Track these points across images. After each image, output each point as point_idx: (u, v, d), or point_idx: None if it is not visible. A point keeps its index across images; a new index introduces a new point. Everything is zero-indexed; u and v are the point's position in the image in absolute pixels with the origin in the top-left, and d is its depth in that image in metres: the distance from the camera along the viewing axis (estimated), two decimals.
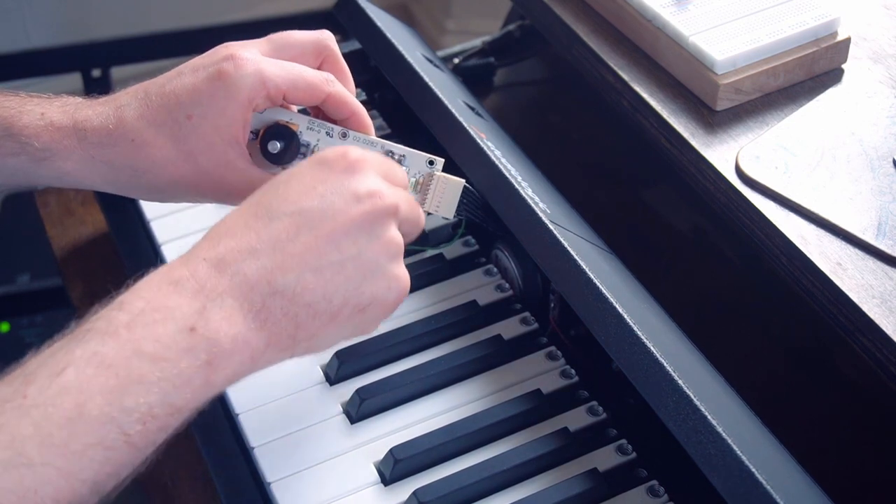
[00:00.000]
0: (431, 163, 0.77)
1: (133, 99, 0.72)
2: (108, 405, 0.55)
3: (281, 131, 0.74)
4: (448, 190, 0.76)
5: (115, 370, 0.56)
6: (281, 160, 0.74)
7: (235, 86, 0.70)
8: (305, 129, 0.75)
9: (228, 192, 0.73)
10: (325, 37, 0.76)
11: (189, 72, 0.72)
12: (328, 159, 0.66)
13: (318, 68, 0.75)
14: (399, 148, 0.76)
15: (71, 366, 0.55)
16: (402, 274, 0.66)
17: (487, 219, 0.80)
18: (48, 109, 0.72)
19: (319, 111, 0.76)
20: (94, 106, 0.73)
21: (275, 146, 0.74)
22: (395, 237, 0.66)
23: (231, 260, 0.61)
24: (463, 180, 0.77)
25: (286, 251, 0.62)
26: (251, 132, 0.74)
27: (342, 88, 0.74)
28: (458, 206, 0.77)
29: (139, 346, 0.57)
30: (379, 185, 0.65)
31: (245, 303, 0.60)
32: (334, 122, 0.76)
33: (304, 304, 0.62)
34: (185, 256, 0.62)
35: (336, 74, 0.75)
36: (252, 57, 0.71)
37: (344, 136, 0.76)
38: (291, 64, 0.73)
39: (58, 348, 0.57)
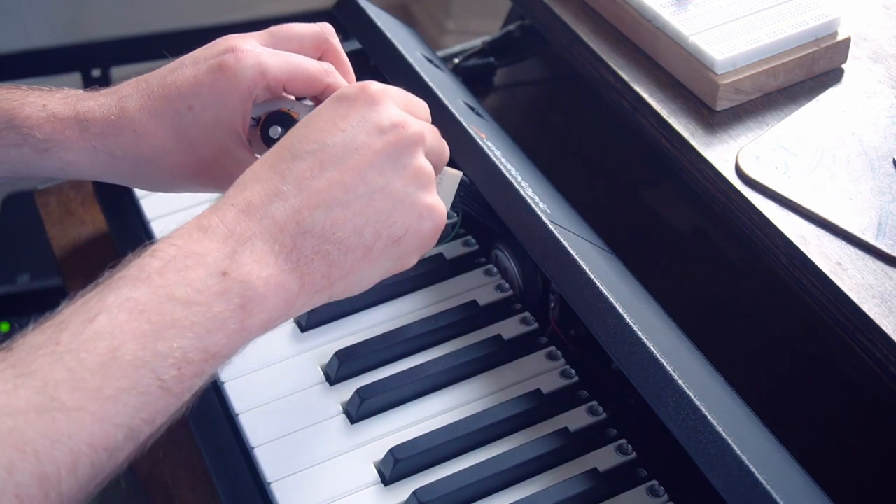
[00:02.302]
0: None
1: (135, 90, 0.73)
2: (141, 350, 0.55)
3: (282, 118, 0.74)
4: (445, 181, 0.77)
5: (148, 315, 0.56)
6: None
7: (236, 77, 0.71)
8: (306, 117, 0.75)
9: (228, 182, 0.73)
10: (325, 29, 0.76)
11: (190, 64, 0.72)
12: (348, 95, 0.65)
13: (319, 60, 0.75)
14: None
15: (103, 312, 0.55)
16: (436, 202, 0.66)
17: (485, 212, 0.80)
18: (50, 101, 0.73)
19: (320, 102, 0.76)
20: (95, 97, 0.73)
21: (276, 131, 0.74)
22: (424, 166, 0.65)
23: (258, 203, 0.61)
24: (461, 172, 0.77)
25: (312, 189, 0.62)
26: (252, 118, 0.74)
27: (341, 79, 0.75)
28: (455, 199, 0.77)
29: (171, 291, 0.57)
30: (402, 116, 0.65)
31: (276, 244, 0.60)
32: None
33: (335, 240, 0.62)
34: (215, 205, 0.62)
35: (336, 66, 0.75)
36: (252, 49, 0.72)
37: None
38: (291, 55, 0.73)
39: (91, 296, 0.57)
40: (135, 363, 0.55)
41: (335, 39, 0.76)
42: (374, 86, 0.66)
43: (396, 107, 0.66)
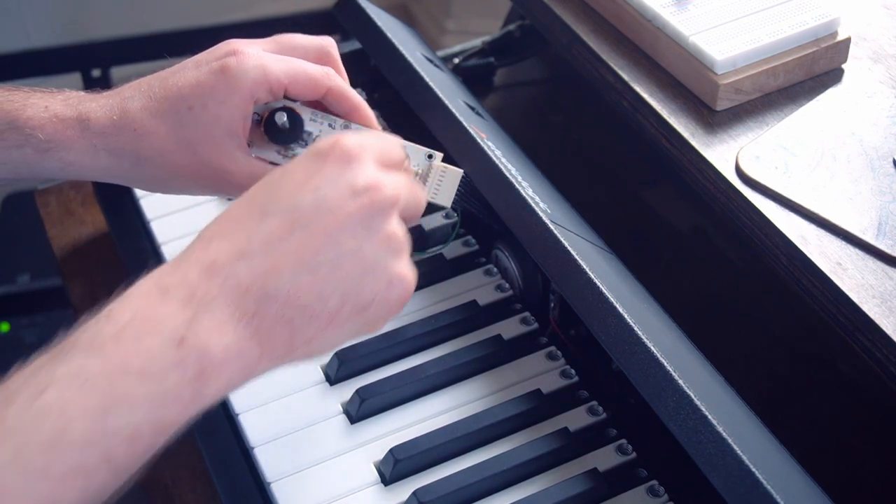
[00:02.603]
0: (430, 156, 0.77)
1: (136, 91, 0.73)
2: (90, 427, 0.53)
3: (287, 111, 0.75)
4: (447, 178, 0.77)
5: (100, 389, 0.53)
6: (283, 138, 0.75)
7: (237, 78, 0.71)
8: (308, 119, 0.76)
9: (226, 183, 0.73)
10: (328, 43, 0.76)
11: (192, 66, 0.73)
12: (322, 150, 0.62)
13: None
14: (401, 141, 0.76)
15: (53, 385, 0.53)
16: (406, 271, 0.63)
17: (485, 211, 0.80)
18: (52, 102, 0.73)
19: (321, 106, 0.77)
20: (97, 99, 0.74)
21: (281, 117, 0.74)
22: (397, 231, 0.62)
23: (223, 262, 0.58)
24: (461, 170, 0.77)
25: (280, 251, 0.59)
26: (255, 114, 0.75)
27: (342, 83, 0.75)
28: (456, 195, 0.77)
29: (126, 360, 0.54)
30: (377, 177, 0.62)
31: (237, 309, 0.57)
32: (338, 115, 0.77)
33: (299, 306, 0.59)
34: (176, 260, 0.59)
35: None
36: (255, 52, 0.72)
37: (346, 128, 0.76)
38: (293, 59, 0.74)
39: (42, 364, 0.54)
40: (83, 442, 0.53)
41: (336, 54, 0.76)
42: (348, 140, 0.62)
43: (373, 163, 0.62)
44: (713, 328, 0.83)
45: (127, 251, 0.90)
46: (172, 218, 0.91)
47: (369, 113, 0.76)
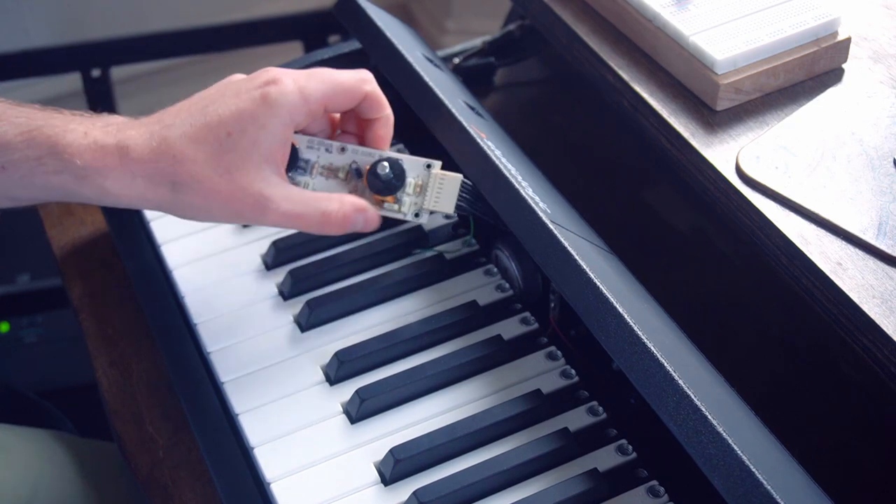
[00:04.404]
0: (429, 166, 0.78)
1: (177, 119, 0.74)
2: None
3: (390, 161, 0.77)
4: (446, 185, 0.77)
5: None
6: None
7: (278, 104, 0.73)
8: (305, 147, 0.78)
9: (264, 209, 0.74)
10: (366, 77, 0.78)
11: (232, 95, 0.74)
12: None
13: (358, 105, 0.78)
14: (397, 155, 0.78)
15: None
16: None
17: (488, 212, 0.80)
18: (91, 129, 0.74)
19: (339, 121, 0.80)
20: (137, 126, 0.74)
21: (383, 167, 0.77)
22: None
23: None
24: (460, 175, 0.77)
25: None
26: (294, 152, 0.77)
27: (377, 88, 0.77)
28: (459, 201, 0.77)
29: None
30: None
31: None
32: (332, 138, 0.79)
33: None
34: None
35: (378, 111, 0.79)
36: (291, 78, 0.74)
37: (342, 150, 0.79)
38: (325, 71, 0.76)
39: None
40: None
41: (375, 87, 0.79)
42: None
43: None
44: (713, 328, 0.83)
45: (127, 251, 0.90)
46: (172, 218, 0.90)
47: (391, 127, 0.79)
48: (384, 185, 0.77)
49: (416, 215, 0.79)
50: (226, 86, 0.76)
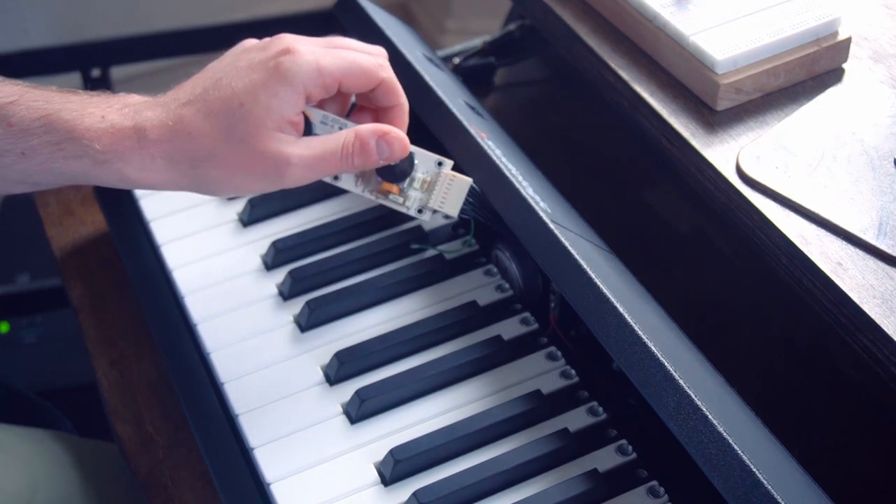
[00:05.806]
0: (440, 164, 0.77)
1: (192, 95, 0.74)
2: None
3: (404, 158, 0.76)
4: (454, 187, 0.77)
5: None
6: None
7: (291, 72, 0.72)
8: (319, 122, 0.76)
9: (286, 169, 0.73)
10: (380, 52, 0.78)
11: (245, 66, 0.74)
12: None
13: (372, 91, 0.77)
14: (410, 147, 0.76)
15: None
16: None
17: (494, 219, 0.80)
18: (109, 112, 0.73)
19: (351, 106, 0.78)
20: (154, 108, 0.74)
21: (407, 164, 0.76)
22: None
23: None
24: (470, 179, 0.77)
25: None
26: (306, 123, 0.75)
27: (393, 76, 0.76)
28: (464, 205, 0.77)
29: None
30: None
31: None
32: (347, 118, 0.77)
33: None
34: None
35: (393, 98, 0.77)
36: (308, 49, 0.74)
37: None
38: (345, 51, 0.75)
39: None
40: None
41: (387, 64, 0.78)
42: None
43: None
44: (713, 328, 0.83)
45: (127, 251, 0.90)
46: (172, 218, 0.91)
47: (406, 114, 0.78)
48: (393, 172, 0.76)
49: (420, 212, 0.78)
50: (238, 55, 0.75)
